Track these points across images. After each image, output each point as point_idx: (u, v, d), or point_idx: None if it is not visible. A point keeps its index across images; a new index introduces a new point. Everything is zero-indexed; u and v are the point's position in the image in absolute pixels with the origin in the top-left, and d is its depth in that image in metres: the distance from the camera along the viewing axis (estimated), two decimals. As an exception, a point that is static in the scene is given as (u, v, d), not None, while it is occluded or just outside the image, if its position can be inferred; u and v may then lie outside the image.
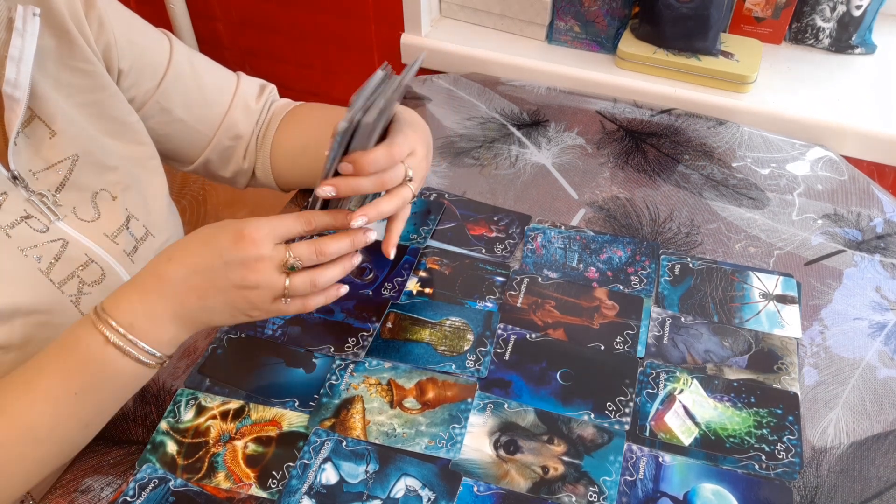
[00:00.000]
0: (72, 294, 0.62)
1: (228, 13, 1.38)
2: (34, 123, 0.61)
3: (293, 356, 0.70)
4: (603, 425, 0.64)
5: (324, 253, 0.58)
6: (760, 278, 0.77)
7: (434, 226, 0.83)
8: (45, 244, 0.61)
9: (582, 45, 1.10)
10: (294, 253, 0.56)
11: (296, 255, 0.56)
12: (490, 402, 0.66)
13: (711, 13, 0.97)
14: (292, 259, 0.56)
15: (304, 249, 0.57)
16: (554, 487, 0.60)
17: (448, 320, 0.73)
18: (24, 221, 0.60)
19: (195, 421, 0.65)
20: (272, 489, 0.60)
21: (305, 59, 1.38)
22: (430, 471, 0.61)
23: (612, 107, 1.01)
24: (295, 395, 0.67)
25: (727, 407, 0.66)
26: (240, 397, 0.66)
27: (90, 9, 0.64)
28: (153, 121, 0.72)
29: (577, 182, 0.89)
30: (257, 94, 0.79)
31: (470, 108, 1.02)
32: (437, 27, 1.17)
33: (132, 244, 0.68)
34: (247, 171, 0.80)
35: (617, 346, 0.70)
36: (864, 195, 0.87)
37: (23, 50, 0.57)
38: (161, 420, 0.65)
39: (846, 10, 1.02)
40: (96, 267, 0.64)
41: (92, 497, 0.60)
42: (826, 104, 0.98)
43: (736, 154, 0.93)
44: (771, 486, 0.60)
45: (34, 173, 0.61)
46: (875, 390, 0.67)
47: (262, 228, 0.55)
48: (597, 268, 0.78)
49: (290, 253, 0.56)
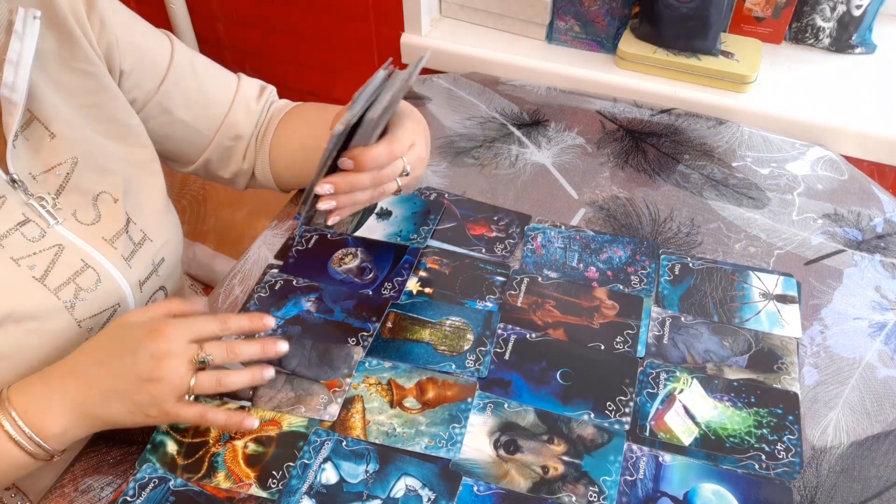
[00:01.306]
0: (67, 300, 0.62)
1: (228, 13, 1.38)
2: (33, 126, 0.61)
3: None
4: (603, 425, 0.64)
5: (235, 353, 0.59)
6: (760, 278, 0.77)
7: (434, 226, 0.83)
8: (40, 252, 0.61)
9: (582, 45, 1.10)
10: (206, 349, 0.58)
11: (207, 351, 0.58)
12: (490, 402, 0.66)
13: (711, 13, 0.97)
14: (203, 354, 0.57)
15: (216, 347, 0.58)
16: (554, 487, 0.60)
17: (448, 320, 0.73)
18: (20, 229, 0.60)
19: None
20: (272, 489, 0.60)
21: (305, 60, 1.38)
22: (430, 471, 0.61)
23: (612, 106, 1.01)
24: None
25: (727, 407, 0.66)
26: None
27: (92, 10, 0.64)
28: (154, 122, 0.72)
29: (577, 182, 0.89)
30: (257, 94, 0.79)
31: (470, 107, 1.02)
32: (437, 27, 1.17)
33: (130, 248, 0.67)
34: (246, 172, 0.80)
35: (617, 345, 0.70)
36: (864, 195, 0.87)
37: (21, 53, 0.57)
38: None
39: (846, 9, 1.02)
40: (92, 272, 0.64)
41: (92, 497, 0.60)
42: (826, 104, 0.98)
43: (736, 154, 0.93)
44: (771, 485, 0.60)
45: (33, 176, 0.61)
46: (875, 390, 0.67)
47: (178, 325, 0.57)
48: (597, 268, 0.78)
49: (201, 349, 0.57)
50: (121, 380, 0.56)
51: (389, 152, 0.61)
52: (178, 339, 0.56)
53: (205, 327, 0.59)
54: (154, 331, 0.56)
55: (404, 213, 0.84)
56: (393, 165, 0.62)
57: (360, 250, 0.80)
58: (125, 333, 0.58)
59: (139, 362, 0.55)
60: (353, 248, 0.80)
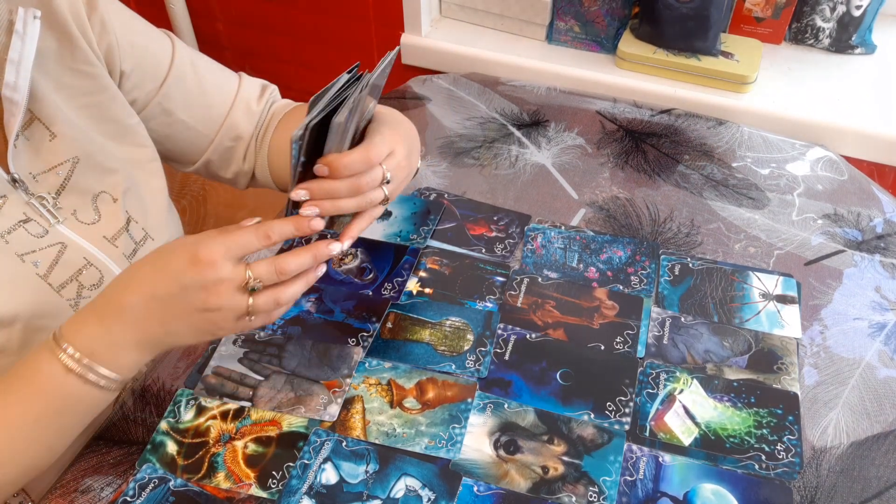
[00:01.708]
0: (70, 298, 0.62)
1: (228, 13, 1.38)
2: (34, 126, 0.61)
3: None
4: (603, 425, 0.64)
5: (285, 272, 0.56)
6: (760, 278, 0.77)
7: (434, 226, 0.83)
8: (44, 249, 0.61)
9: (582, 45, 1.10)
10: (254, 274, 0.54)
11: (256, 275, 0.54)
12: (490, 402, 0.66)
13: (711, 13, 0.97)
14: (253, 281, 0.54)
15: (265, 270, 0.55)
16: (554, 487, 0.60)
17: (448, 320, 0.73)
18: (23, 226, 0.60)
19: (195, 421, 0.65)
20: (272, 489, 0.60)
21: (305, 59, 1.38)
22: (430, 471, 0.61)
23: (612, 107, 1.01)
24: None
25: (727, 407, 0.66)
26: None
27: (92, 10, 0.64)
28: (154, 122, 0.72)
29: (577, 182, 0.89)
30: (258, 94, 0.79)
31: (470, 108, 1.02)
32: (437, 27, 1.17)
33: (132, 247, 0.68)
34: (247, 172, 0.80)
35: (617, 346, 0.70)
36: (864, 195, 0.87)
37: (22, 53, 0.57)
38: (161, 420, 0.65)
39: (846, 10, 1.02)
40: (95, 271, 0.64)
41: (92, 497, 0.60)
42: (826, 104, 0.98)
43: (736, 154, 0.93)
44: (771, 486, 0.60)
45: (34, 176, 0.61)
46: (875, 390, 0.67)
47: (218, 249, 0.53)
48: (597, 268, 0.78)
49: (250, 274, 0.54)
50: (176, 313, 0.54)
51: (364, 159, 0.59)
52: (222, 264, 0.53)
53: (247, 244, 0.54)
54: (196, 259, 0.53)
55: (404, 214, 0.84)
56: (372, 174, 0.60)
57: (360, 250, 0.80)
58: (167, 263, 0.55)
59: (190, 296, 0.53)
60: (353, 248, 0.80)
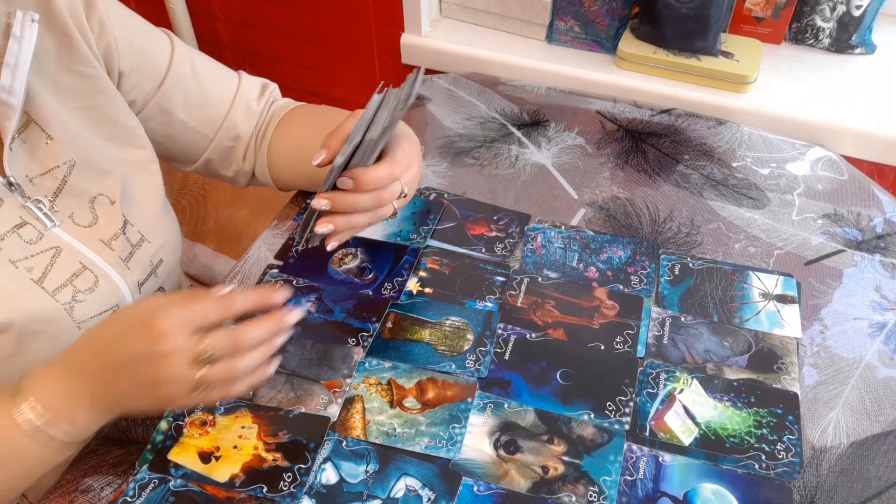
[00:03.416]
0: (66, 302, 0.62)
1: (228, 13, 1.38)
2: (30, 129, 0.61)
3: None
4: (603, 425, 0.64)
5: (242, 344, 0.53)
6: (760, 278, 0.77)
7: (434, 225, 0.83)
8: (38, 254, 0.61)
9: (582, 45, 1.10)
10: (209, 345, 0.51)
11: (211, 346, 0.51)
12: (490, 402, 0.66)
13: (711, 13, 0.97)
14: (206, 352, 0.51)
15: (222, 341, 0.52)
16: (554, 487, 0.60)
17: (448, 320, 0.73)
18: (16, 231, 0.60)
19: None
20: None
21: (305, 59, 1.38)
22: (430, 471, 0.61)
23: (612, 107, 1.01)
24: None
25: (727, 407, 0.66)
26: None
27: (91, 11, 0.63)
28: (154, 122, 0.72)
29: (577, 182, 0.89)
30: (258, 94, 0.79)
31: (470, 108, 1.02)
32: (437, 27, 1.17)
33: (128, 250, 0.67)
34: (247, 172, 0.80)
35: (617, 345, 0.70)
36: (864, 195, 0.87)
37: (18, 56, 0.57)
38: (161, 420, 0.65)
39: (846, 10, 1.02)
40: (90, 274, 0.64)
41: (92, 497, 0.60)
42: (826, 104, 0.98)
43: (736, 154, 0.93)
44: (771, 485, 0.60)
45: (30, 179, 0.61)
46: (875, 390, 0.67)
47: (173, 319, 0.51)
48: (597, 268, 0.78)
49: (204, 345, 0.51)
50: (127, 383, 0.53)
51: (390, 174, 0.60)
52: (175, 334, 0.50)
53: (205, 314, 0.52)
54: (150, 328, 0.51)
55: (404, 213, 0.84)
56: (392, 188, 0.61)
57: (360, 250, 0.80)
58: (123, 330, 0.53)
59: (140, 366, 0.51)
60: (353, 248, 0.80)
